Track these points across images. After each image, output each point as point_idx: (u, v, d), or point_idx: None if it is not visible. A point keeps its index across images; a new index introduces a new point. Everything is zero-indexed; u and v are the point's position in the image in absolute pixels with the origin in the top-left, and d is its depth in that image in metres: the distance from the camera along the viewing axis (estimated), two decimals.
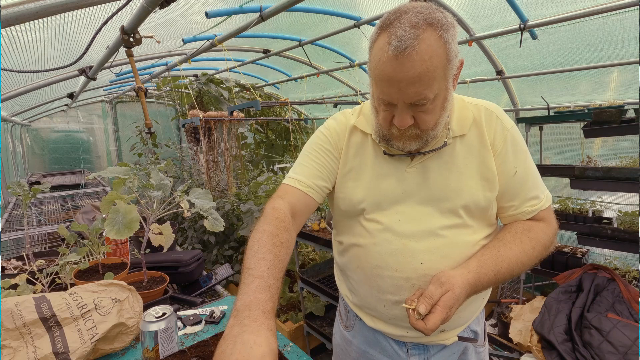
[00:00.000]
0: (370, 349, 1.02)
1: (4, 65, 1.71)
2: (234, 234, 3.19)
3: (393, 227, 0.88)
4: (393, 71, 0.70)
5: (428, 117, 0.77)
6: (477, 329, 0.99)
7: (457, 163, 0.86)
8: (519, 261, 0.83)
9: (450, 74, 0.75)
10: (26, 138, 4.90)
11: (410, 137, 0.81)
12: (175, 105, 5.58)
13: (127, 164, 1.23)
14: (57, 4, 0.95)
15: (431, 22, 0.70)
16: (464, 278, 0.77)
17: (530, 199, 0.88)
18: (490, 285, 0.83)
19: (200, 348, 0.95)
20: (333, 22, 2.59)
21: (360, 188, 0.93)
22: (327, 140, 0.97)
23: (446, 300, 0.73)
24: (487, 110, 0.89)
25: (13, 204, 3.23)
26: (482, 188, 0.86)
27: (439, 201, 0.87)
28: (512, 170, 0.86)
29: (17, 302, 0.89)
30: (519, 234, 0.86)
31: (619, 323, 1.79)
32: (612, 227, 2.29)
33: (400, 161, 0.90)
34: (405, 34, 0.68)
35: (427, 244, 0.86)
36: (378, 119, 0.84)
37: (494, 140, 0.86)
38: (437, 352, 0.95)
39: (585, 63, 2.48)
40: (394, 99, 0.75)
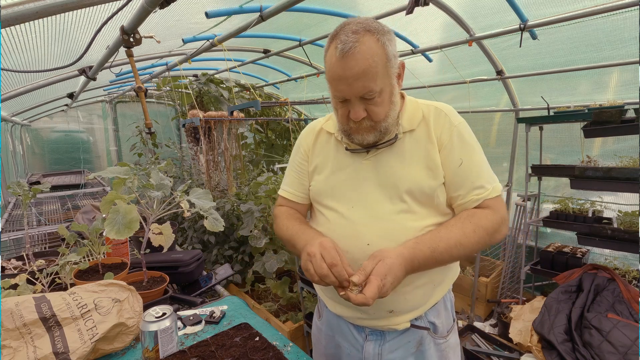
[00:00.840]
0: (336, 335, 1.11)
1: (4, 65, 1.71)
2: (234, 234, 3.19)
3: (346, 213, 1.00)
4: (341, 70, 0.84)
5: (378, 109, 0.90)
6: (436, 321, 1.03)
7: (405, 154, 0.97)
8: (458, 242, 0.89)
9: (392, 72, 0.89)
10: (26, 138, 4.90)
11: (366, 128, 0.93)
12: (175, 105, 5.58)
13: (127, 164, 1.23)
14: (57, 4, 0.95)
15: (369, 29, 0.84)
16: (397, 251, 0.85)
17: (476, 188, 0.94)
18: (429, 264, 0.88)
19: (200, 348, 0.95)
20: (333, 22, 2.59)
21: (322, 180, 1.07)
22: (298, 149, 1.16)
23: (378, 269, 0.80)
24: (436, 109, 1.00)
25: (13, 204, 3.23)
26: (426, 176, 0.95)
27: (388, 188, 0.97)
28: (457, 162, 0.95)
29: (17, 302, 0.89)
30: (462, 218, 0.93)
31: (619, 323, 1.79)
32: (612, 227, 2.29)
33: (357, 155, 1.02)
34: (347, 38, 0.83)
35: (375, 228, 0.95)
36: (338, 117, 0.97)
37: (440, 135, 0.96)
38: (392, 339, 1.01)
39: (585, 63, 2.48)
40: (346, 94, 0.88)
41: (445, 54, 2.77)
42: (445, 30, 2.62)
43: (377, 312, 0.98)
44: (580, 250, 2.59)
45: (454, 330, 1.09)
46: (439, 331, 1.04)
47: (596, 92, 2.76)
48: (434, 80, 3.50)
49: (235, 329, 1.05)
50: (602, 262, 2.54)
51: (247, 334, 1.02)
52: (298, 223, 1.06)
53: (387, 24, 0.91)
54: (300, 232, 1.01)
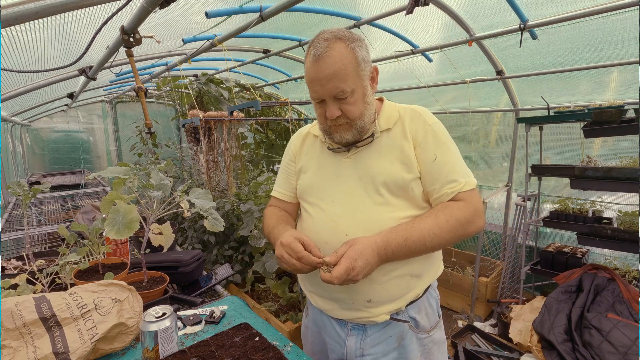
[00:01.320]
0: (321, 331, 1.15)
1: (4, 65, 1.71)
2: (234, 234, 3.19)
3: (327, 207, 1.06)
4: (315, 72, 0.95)
5: (352, 108, 0.97)
6: (417, 316, 1.06)
7: (382, 151, 1.04)
8: (431, 232, 0.93)
9: (364, 75, 0.98)
10: (26, 138, 4.90)
11: (343, 127, 1.00)
12: (175, 105, 5.57)
13: (127, 164, 1.23)
14: (57, 4, 0.95)
15: (340, 37, 0.94)
16: (370, 238, 0.91)
17: (449, 182, 0.99)
18: (403, 252, 0.93)
19: (200, 348, 0.95)
20: (333, 22, 2.59)
21: (307, 178, 1.15)
22: (288, 152, 1.25)
23: (349, 252, 0.87)
24: (412, 110, 1.07)
25: (13, 204, 3.23)
26: (400, 170, 1.01)
27: (365, 182, 1.03)
28: (431, 157, 1.01)
29: (17, 302, 0.89)
30: (435, 210, 0.98)
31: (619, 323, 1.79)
32: (612, 227, 2.29)
33: (339, 154, 1.10)
34: (319, 45, 0.94)
35: (352, 220, 1.01)
36: (317, 117, 1.05)
37: (416, 133, 1.03)
38: (373, 333, 1.05)
39: (585, 63, 2.48)
40: (320, 94, 0.97)
41: (445, 54, 2.77)
42: (445, 30, 2.62)
43: (355, 302, 1.01)
44: (580, 250, 2.58)
45: (438, 326, 1.12)
46: (421, 326, 1.07)
47: (596, 92, 2.76)
48: (434, 80, 3.50)
49: (235, 329, 1.05)
50: (602, 262, 2.54)
51: (247, 334, 1.02)
52: (276, 220, 1.14)
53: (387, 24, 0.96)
54: (276, 230, 1.08)
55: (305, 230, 1.10)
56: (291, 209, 1.24)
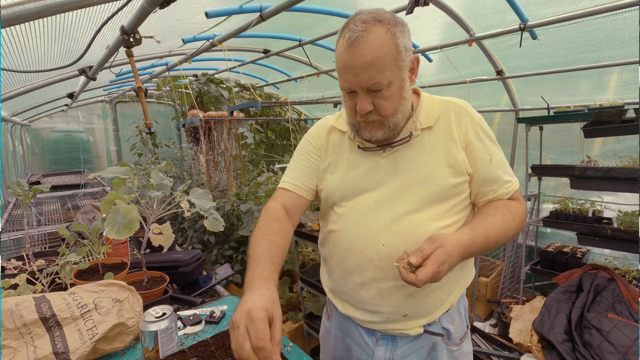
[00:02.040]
0: (346, 337, 1.08)
1: (4, 65, 1.71)
2: (234, 234, 3.19)
3: (362, 212, 0.96)
4: (348, 59, 0.82)
5: (386, 103, 0.86)
6: (449, 327, 1.00)
7: (425, 152, 0.94)
8: (503, 230, 0.89)
9: (403, 65, 0.85)
10: (26, 138, 4.90)
11: (374, 124, 0.89)
12: (175, 105, 5.57)
13: (127, 164, 1.23)
14: (57, 4, 0.95)
15: (380, 19, 0.82)
16: (457, 238, 0.82)
17: (506, 182, 0.95)
18: (481, 251, 0.87)
19: (200, 348, 0.95)
20: (333, 22, 2.59)
21: (335, 179, 1.03)
22: (310, 143, 1.10)
23: (437, 255, 0.77)
24: (455, 104, 0.97)
25: (13, 204, 3.23)
26: (448, 174, 0.92)
27: (406, 187, 0.93)
28: (487, 157, 0.94)
29: (17, 302, 0.89)
30: (499, 207, 0.93)
31: (619, 323, 1.79)
32: (612, 227, 2.29)
33: (373, 154, 0.98)
34: (356, 27, 0.81)
35: (390, 228, 0.92)
36: (346, 110, 0.94)
37: (466, 133, 0.94)
38: (404, 344, 0.98)
39: (585, 63, 2.48)
40: (352, 85, 0.85)
41: (445, 54, 2.77)
42: (445, 30, 2.62)
43: (390, 316, 0.95)
44: (580, 250, 2.58)
45: (467, 337, 1.07)
46: (453, 338, 1.01)
47: (596, 92, 2.76)
48: (434, 80, 3.50)
49: None
50: (602, 262, 2.54)
51: None
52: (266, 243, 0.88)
53: None
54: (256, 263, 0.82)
55: (336, 237, 1.01)
56: (302, 205, 1.06)
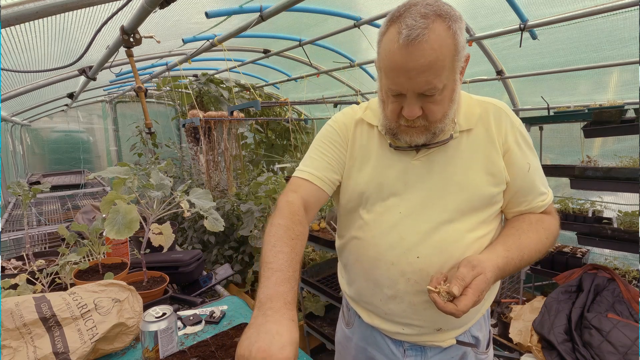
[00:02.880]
0: (369, 347, 1.01)
1: (4, 65, 1.71)
2: (234, 234, 3.19)
3: (393, 220, 0.88)
4: (403, 60, 0.71)
5: (436, 108, 0.78)
6: (479, 334, 0.96)
7: (463, 157, 0.86)
8: (537, 249, 0.84)
9: (458, 66, 0.77)
10: (26, 138, 4.90)
11: (418, 129, 0.81)
12: (175, 105, 5.57)
13: (127, 164, 1.23)
14: (57, 4, 0.95)
15: (440, 14, 0.72)
16: (493, 262, 0.77)
17: (541, 194, 0.90)
18: (514, 272, 0.83)
19: (200, 348, 0.95)
20: (333, 22, 2.59)
21: (363, 178, 0.93)
22: (336, 132, 0.98)
23: (478, 284, 0.73)
24: (495, 107, 0.89)
25: (13, 204, 3.23)
26: (487, 183, 0.85)
27: (442, 195, 0.86)
28: (526, 166, 0.87)
29: (17, 302, 0.89)
30: (534, 224, 0.87)
31: (619, 323, 1.79)
32: (612, 227, 2.29)
33: (405, 154, 0.89)
34: (415, 23, 0.70)
35: (425, 239, 0.85)
36: (386, 112, 0.84)
37: (505, 138, 0.86)
38: (434, 355, 0.93)
39: (585, 63, 2.48)
40: (403, 88, 0.75)
41: None
42: None
43: (423, 329, 0.90)
44: (580, 250, 2.58)
45: (491, 343, 1.04)
46: (481, 346, 0.98)
47: (596, 92, 2.76)
48: None
49: (235, 329, 1.05)
50: (602, 262, 2.54)
51: None
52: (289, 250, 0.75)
53: None
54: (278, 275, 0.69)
55: (361, 245, 0.93)
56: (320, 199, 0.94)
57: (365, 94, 4.24)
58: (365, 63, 3.24)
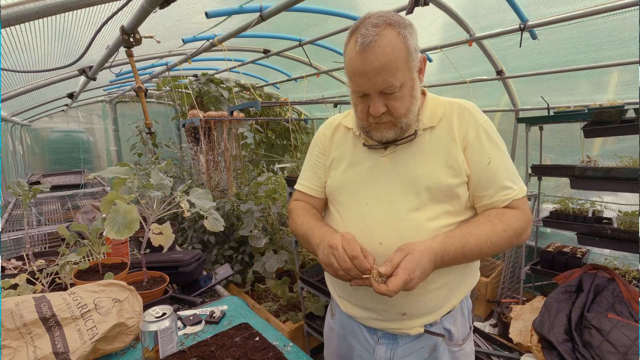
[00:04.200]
0: (348, 335, 1.09)
1: (4, 65, 1.71)
2: (234, 234, 3.19)
3: (360, 210, 0.98)
4: (361, 64, 0.83)
5: (399, 105, 0.87)
6: (451, 328, 1.00)
7: (424, 152, 0.95)
8: (489, 240, 0.87)
9: (413, 66, 0.86)
10: (26, 138, 4.90)
11: (386, 124, 0.90)
12: (175, 105, 5.58)
13: (127, 164, 1.23)
14: (57, 4, 0.95)
15: (390, 22, 0.83)
16: (426, 244, 0.83)
17: (504, 189, 0.92)
18: (459, 259, 0.86)
19: (200, 348, 0.95)
20: (333, 22, 2.59)
21: (337, 176, 1.05)
22: (316, 143, 1.14)
23: (406, 262, 0.79)
24: (460, 106, 0.96)
25: (13, 204, 3.23)
26: (446, 174, 0.92)
27: (404, 186, 0.94)
28: (485, 160, 0.92)
29: (17, 302, 0.89)
30: (491, 217, 0.91)
31: (619, 323, 1.79)
32: (612, 227, 2.29)
33: (375, 151, 0.99)
34: (368, 32, 0.81)
35: (388, 227, 0.93)
36: (357, 112, 0.94)
37: (466, 133, 0.93)
38: (405, 344, 0.99)
39: (585, 63, 2.48)
40: (366, 89, 0.86)
41: (445, 54, 2.77)
42: (445, 30, 2.61)
43: (389, 314, 0.96)
44: (580, 250, 2.58)
45: (469, 338, 1.06)
46: (454, 338, 1.01)
47: (596, 92, 2.76)
48: (434, 80, 3.49)
49: (235, 329, 1.05)
50: (602, 262, 2.54)
51: (247, 334, 1.02)
52: (313, 219, 1.04)
53: None
54: (316, 228, 0.99)
55: None
56: (319, 204, 1.13)
57: None
58: None
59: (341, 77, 4.07)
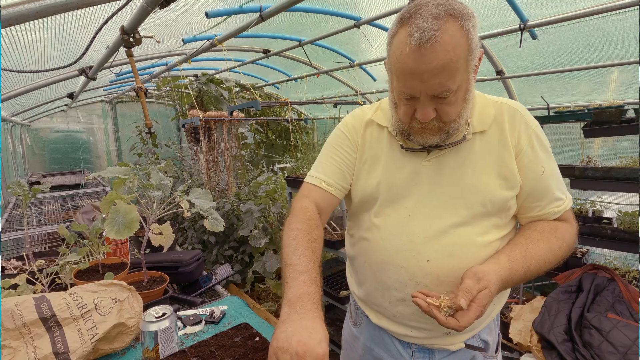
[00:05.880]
0: (376, 347, 1.01)
1: (4, 65, 1.71)
2: (234, 234, 3.19)
3: (402, 222, 0.87)
4: (416, 63, 0.70)
5: (450, 109, 0.76)
6: (488, 338, 0.95)
7: (475, 159, 0.84)
8: (547, 260, 0.82)
9: (472, 65, 0.75)
10: (26, 138, 4.90)
11: (433, 130, 0.80)
12: (175, 105, 5.58)
13: (127, 164, 1.23)
14: (57, 4, 0.95)
15: (452, 13, 0.69)
16: (497, 275, 0.75)
17: (556, 200, 0.86)
18: (519, 283, 0.81)
19: (200, 348, 0.95)
20: (333, 22, 2.59)
21: (373, 179, 0.92)
22: (345, 136, 0.98)
23: (482, 298, 0.72)
24: (510, 108, 0.86)
25: (13, 204, 3.23)
26: (499, 186, 0.83)
27: (452, 197, 0.84)
28: (539, 170, 0.84)
29: (17, 302, 0.89)
30: (545, 232, 0.84)
31: (619, 323, 1.79)
32: (612, 227, 2.29)
33: (416, 155, 0.88)
34: (427, 25, 0.67)
35: (435, 242, 0.84)
36: (398, 114, 0.82)
37: (518, 140, 0.84)
38: (442, 358, 0.92)
39: (585, 63, 2.48)
40: (416, 91, 0.74)
41: None
42: None
43: (431, 332, 0.89)
44: (580, 250, 2.58)
45: (499, 346, 1.02)
46: (490, 349, 0.96)
47: (596, 92, 2.76)
48: None
49: (235, 329, 1.05)
50: (602, 262, 2.54)
51: (247, 334, 1.02)
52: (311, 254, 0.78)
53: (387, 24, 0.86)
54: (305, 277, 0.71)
55: (370, 247, 0.92)
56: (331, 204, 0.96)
57: (365, 94, 4.24)
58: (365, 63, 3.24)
59: (341, 77, 4.06)
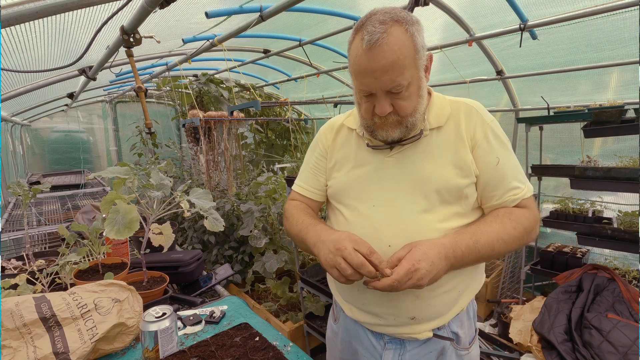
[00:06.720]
0: (352, 340, 1.07)
1: (4, 65, 1.71)
2: (234, 234, 3.19)
3: (367, 213, 0.95)
4: (368, 62, 0.80)
5: (405, 104, 0.85)
6: (459, 331, 0.98)
7: (432, 152, 0.93)
8: (499, 237, 0.86)
9: (420, 64, 0.84)
10: (26, 138, 4.90)
11: (392, 124, 0.88)
12: (175, 105, 5.58)
13: (127, 164, 1.23)
14: (57, 4, 0.95)
15: (397, 19, 0.80)
16: (435, 240, 0.83)
17: (512, 189, 0.92)
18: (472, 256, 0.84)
19: (200, 348, 0.95)
20: (333, 22, 2.59)
21: (342, 177, 1.03)
22: (317, 143, 1.13)
23: (411, 254, 0.79)
24: (467, 105, 0.95)
25: (13, 204, 3.23)
26: (455, 175, 0.90)
27: (412, 187, 0.92)
28: (494, 160, 0.91)
29: (17, 302, 0.89)
30: (500, 215, 0.90)
31: (619, 323, 1.79)
32: (612, 227, 2.29)
33: (380, 152, 0.97)
34: (375, 29, 0.79)
35: (396, 228, 0.91)
36: (361, 112, 0.92)
37: (474, 134, 0.92)
38: (413, 349, 0.97)
39: (585, 63, 2.48)
40: (372, 88, 0.84)
41: (445, 54, 2.76)
42: (445, 30, 2.62)
43: (397, 318, 0.94)
44: (580, 250, 2.58)
45: (475, 340, 1.05)
46: (462, 342, 1.00)
47: (596, 92, 2.76)
48: (434, 80, 3.50)
49: (235, 329, 1.05)
50: (602, 262, 2.54)
51: (247, 334, 1.02)
52: (308, 217, 1.03)
53: None
54: (311, 227, 0.98)
55: None
56: (315, 207, 1.13)
57: None
58: None
59: (341, 77, 4.07)
